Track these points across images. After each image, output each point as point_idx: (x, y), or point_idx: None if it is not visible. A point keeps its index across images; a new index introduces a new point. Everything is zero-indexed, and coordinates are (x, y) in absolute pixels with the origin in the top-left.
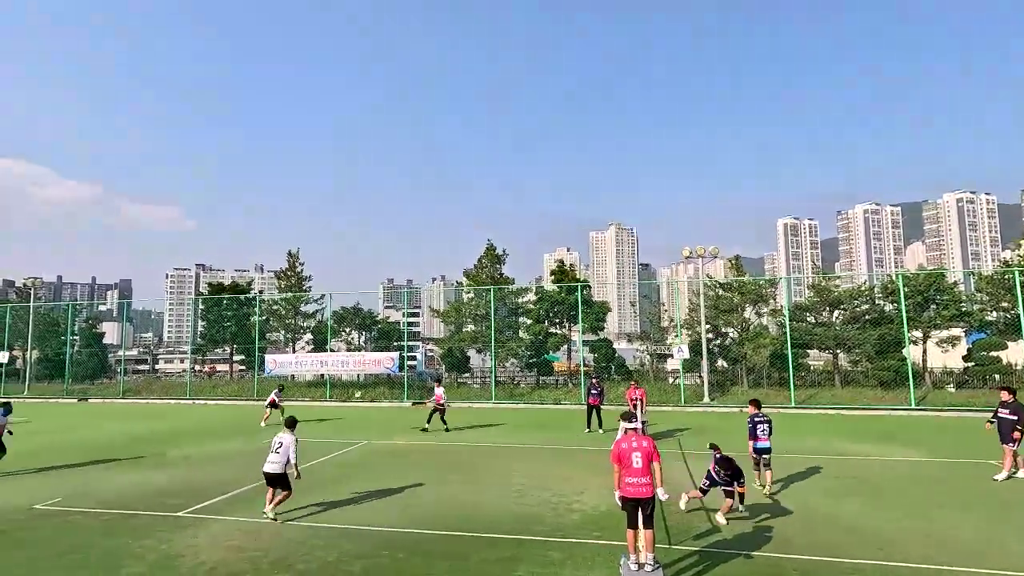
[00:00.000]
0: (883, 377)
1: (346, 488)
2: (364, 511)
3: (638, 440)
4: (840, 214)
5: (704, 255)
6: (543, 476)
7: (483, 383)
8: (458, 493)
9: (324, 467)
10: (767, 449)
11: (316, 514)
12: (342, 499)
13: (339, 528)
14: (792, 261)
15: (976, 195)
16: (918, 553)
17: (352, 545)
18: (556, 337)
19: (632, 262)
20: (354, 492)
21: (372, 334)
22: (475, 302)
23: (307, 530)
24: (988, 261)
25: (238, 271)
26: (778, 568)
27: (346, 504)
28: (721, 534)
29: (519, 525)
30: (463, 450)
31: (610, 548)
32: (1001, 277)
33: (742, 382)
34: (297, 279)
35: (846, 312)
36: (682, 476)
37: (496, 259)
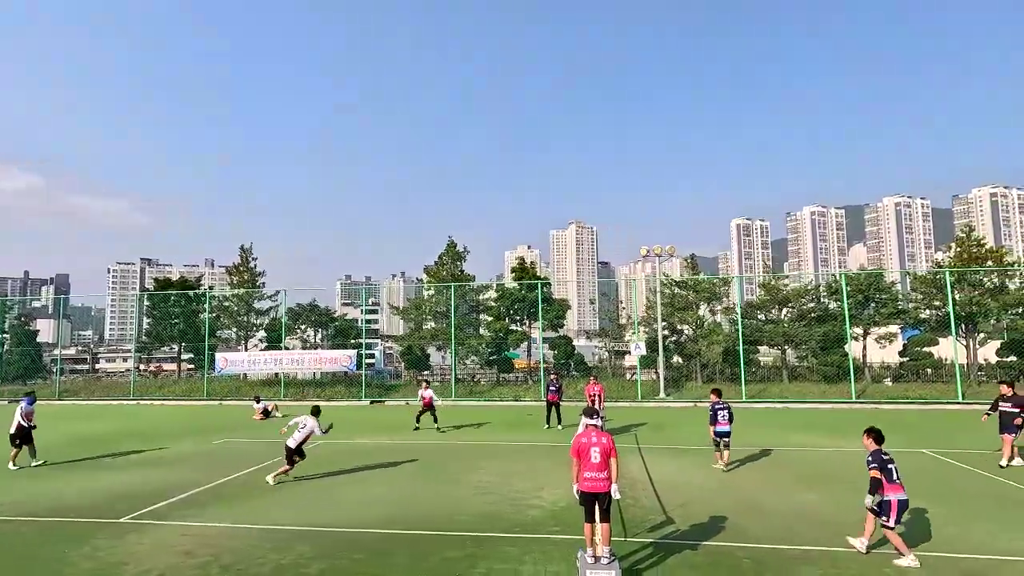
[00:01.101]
0: (827, 372)
1: (303, 489)
2: (322, 512)
3: (598, 436)
4: (789, 216)
5: (661, 254)
6: (503, 473)
7: (443, 381)
8: (418, 491)
9: (278, 468)
10: (727, 433)
11: (272, 516)
12: (299, 500)
13: (296, 530)
14: (744, 260)
15: (912, 199)
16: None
17: (309, 547)
18: (516, 334)
19: (592, 260)
20: (311, 493)
21: (329, 331)
22: (436, 299)
23: (262, 533)
24: (922, 262)
25: (187, 266)
26: (730, 557)
27: (303, 505)
28: (675, 525)
29: (479, 522)
30: (423, 448)
31: (568, 542)
32: (933, 277)
33: (696, 378)
34: (250, 275)
35: (794, 310)
36: (639, 471)
37: (457, 256)
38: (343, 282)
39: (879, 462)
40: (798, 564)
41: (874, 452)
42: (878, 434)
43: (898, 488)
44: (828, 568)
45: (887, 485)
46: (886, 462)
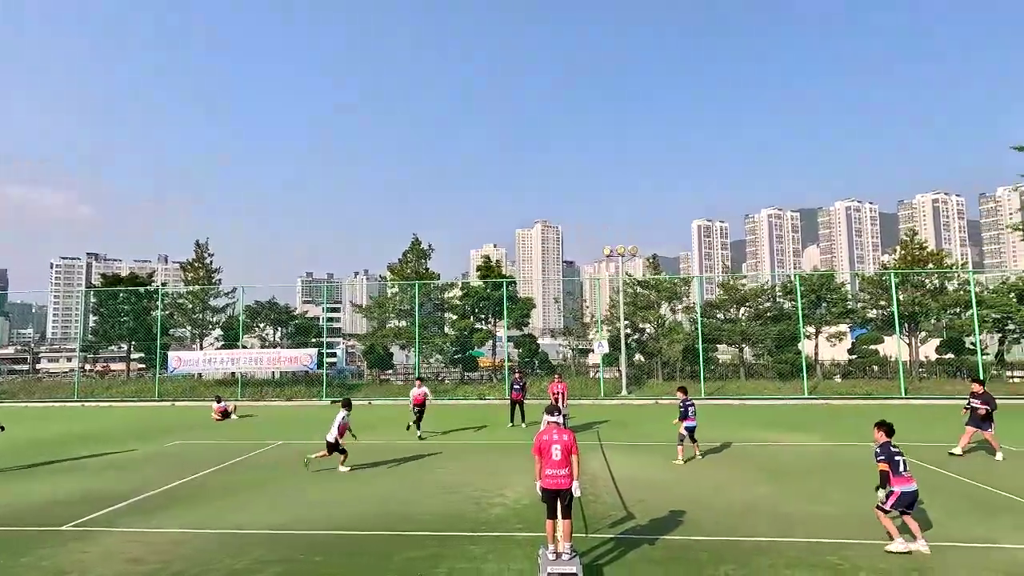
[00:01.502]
0: (781, 369)
1: (260, 491)
2: (280, 514)
3: (559, 433)
4: (748, 218)
5: (624, 254)
6: (467, 472)
7: (407, 380)
8: (380, 492)
9: (236, 470)
10: (695, 427)
11: (228, 520)
12: (257, 503)
13: (252, 534)
14: (705, 261)
15: (862, 204)
16: (813, 530)
17: (266, 551)
18: (481, 333)
19: (557, 259)
20: (270, 495)
21: (289, 330)
22: (399, 297)
23: (217, 537)
24: (870, 264)
25: (138, 261)
26: (688, 550)
27: (261, 508)
28: (636, 520)
29: (442, 522)
30: (385, 448)
31: (531, 540)
32: (880, 279)
33: (657, 375)
34: (206, 271)
35: (751, 309)
36: (600, 468)
37: (422, 254)
38: (304, 279)
39: (887, 455)
40: (752, 555)
41: (883, 445)
42: (889, 428)
43: (905, 480)
44: (778, 559)
45: (894, 478)
46: (894, 454)
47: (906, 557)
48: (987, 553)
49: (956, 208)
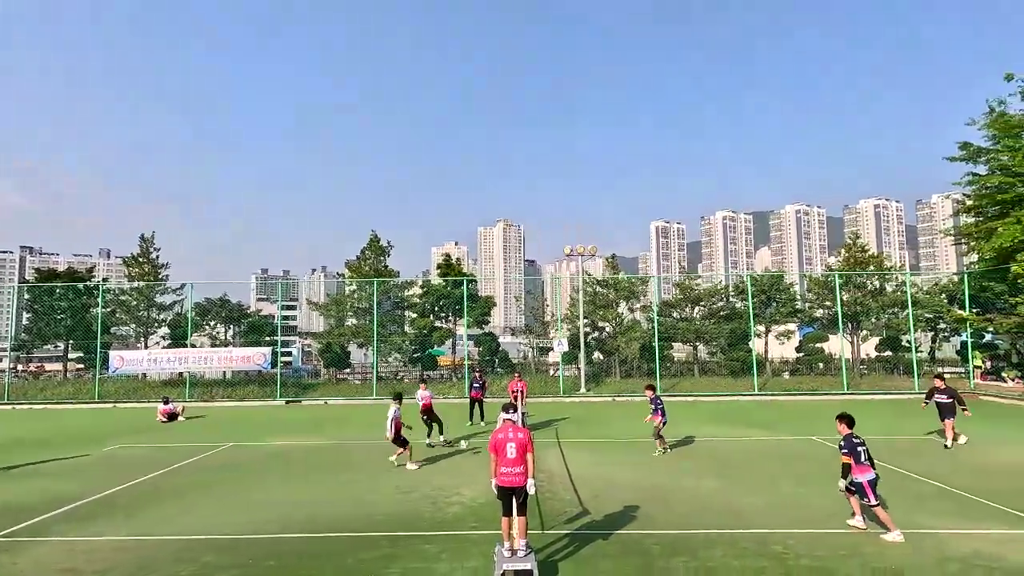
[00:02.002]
0: (733, 367)
1: (209, 495)
2: (230, 518)
3: (514, 431)
4: (703, 220)
5: (584, 253)
6: (424, 471)
7: (364, 379)
8: (336, 493)
9: (183, 473)
10: (664, 422)
11: (173, 526)
12: (205, 507)
13: (199, 539)
14: (662, 261)
15: (811, 208)
16: (761, 520)
17: (214, 556)
18: (441, 331)
19: (519, 258)
20: (220, 499)
21: (241, 328)
22: (358, 295)
23: (161, 544)
24: (817, 266)
25: (77, 256)
26: (641, 544)
27: (210, 513)
28: (591, 516)
29: (398, 522)
30: (342, 448)
31: (487, 538)
32: (825, 280)
33: (615, 373)
34: (152, 267)
35: (705, 308)
36: (557, 465)
37: (380, 251)
38: (259, 276)
39: (849, 447)
40: (703, 547)
41: (846, 437)
42: (850, 419)
43: (866, 469)
44: (727, 550)
45: (855, 467)
46: (856, 445)
47: (843, 543)
48: (920, 539)
49: (896, 213)
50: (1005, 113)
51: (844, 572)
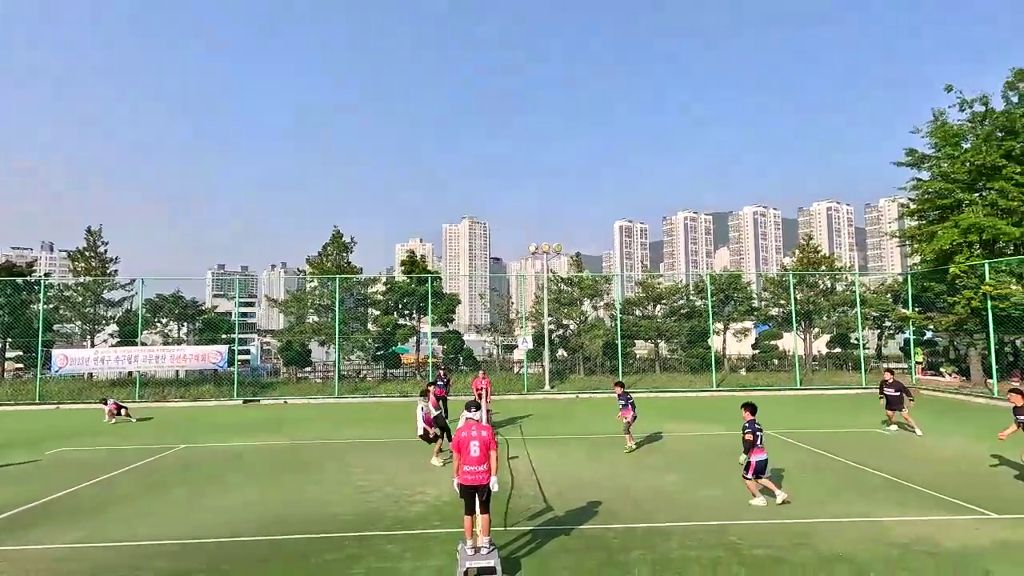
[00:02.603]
0: (693, 363)
1: (160, 498)
2: (183, 523)
3: (477, 429)
4: (665, 219)
5: (549, 251)
6: (387, 470)
7: (326, 377)
8: (296, 494)
9: (132, 476)
10: (635, 417)
11: (122, 532)
12: (158, 512)
13: (152, 545)
14: (626, 260)
15: (767, 209)
16: (717, 513)
17: (167, 563)
18: (405, 329)
19: (484, 256)
20: (174, 503)
21: (196, 325)
22: (319, 292)
23: (108, 551)
24: (773, 266)
25: (15, 249)
26: (602, 538)
27: (163, 517)
28: (554, 512)
29: (361, 522)
30: (302, 448)
31: (450, 536)
32: (780, 279)
33: (579, 370)
34: (99, 261)
35: (666, 307)
36: (521, 462)
37: (343, 247)
38: (215, 272)
39: (752, 430)
40: (662, 540)
41: (749, 422)
42: (753, 407)
43: (760, 451)
44: (685, 541)
45: (755, 449)
46: (756, 430)
47: (795, 533)
48: (863, 526)
49: (847, 216)
50: (946, 123)
51: (794, 560)
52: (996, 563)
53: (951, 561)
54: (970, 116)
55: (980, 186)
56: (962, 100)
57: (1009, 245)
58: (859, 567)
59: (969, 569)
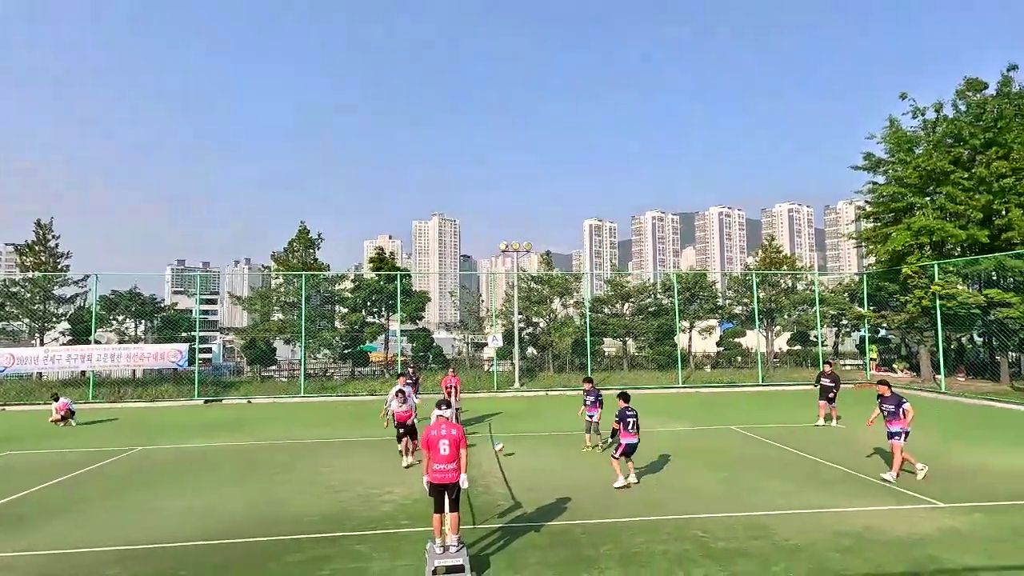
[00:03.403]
0: (660, 361)
1: (115, 503)
2: (140, 528)
3: (447, 428)
4: (634, 219)
5: (519, 249)
6: (356, 470)
7: (291, 376)
8: (260, 497)
9: (84, 481)
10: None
11: (74, 539)
12: (112, 517)
13: (105, 551)
14: (595, 259)
15: (732, 210)
16: (682, 507)
17: (121, 569)
18: (373, 327)
19: (454, 253)
20: (130, 507)
21: (155, 323)
22: (285, 289)
23: (57, 559)
24: (737, 265)
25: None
26: (570, 534)
27: (118, 522)
28: (523, 509)
29: (329, 523)
30: (267, 449)
31: (419, 535)
32: (743, 278)
33: (548, 367)
34: (49, 256)
35: (634, 305)
36: (490, 459)
37: (310, 243)
38: (175, 268)
39: (621, 417)
40: (628, 534)
41: (621, 409)
42: (626, 396)
43: (630, 436)
44: (651, 535)
45: (623, 433)
46: (627, 416)
47: (755, 525)
48: (820, 517)
49: (807, 217)
50: (900, 129)
51: (755, 551)
52: (941, 549)
53: (900, 548)
54: (922, 123)
55: (930, 190)
56: (915, 108)
57: (956, 247)
58: (815, 556)
59: (916, 555)
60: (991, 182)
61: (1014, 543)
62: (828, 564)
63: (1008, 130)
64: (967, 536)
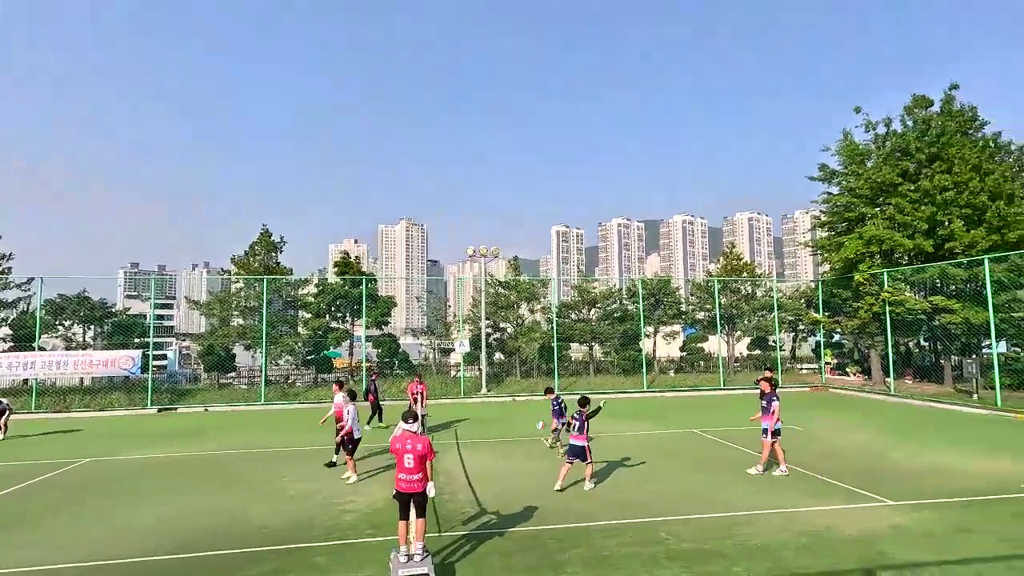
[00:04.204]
0: (625, 366)
1: (61, 517)
2: (88, 543)
3: (412, 441)
4: (600, 225)
5: (487, 255)
6: (318, 478)
7: (251, 383)
8: (216, 508)
9: (27, 494)
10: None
11: (14, 556)
12: (54, 531)
13: (51, 570)
14: (562, 264)
15: (695, 218)
16: (648, 510)
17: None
18: (338, 332)
19: (422, 258)
20: (73, 521)
21: (105, 328)
22: (245, 293)
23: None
24: (700, 272)
25: None
26: (537, 539)
27: (61, 539)
28: (489, 516)
29: (288, 533)
30: (224, 458)
31: (384, 544)
32: (706, 285)
33: (515, 373)
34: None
35: (600, 310)
36: (456, 466)
37: (272, 246)
38: (128, 271)
39: (579, 419)
40: (596, 538)
41: (578, 412)
42: (583, 401)
43: (579, 438)
44: (619, 539)
45: (574, 436)
46: (577, 419)
47: (719, 526)
48: (779, 517)
49: (766, 226)
50: (853, 142)
51: (718, 551)
52: (890, 546)
53: (854, 546)
54: (873, 137)
55: (880, 201)
56: (867, 122)
57: (904, 256)
58: (775, 555)
59: (868, 553)
60: (935, 195)
61: (958, 539)
62: (787, 563)
63: (950, 145)
64: (915, 533)
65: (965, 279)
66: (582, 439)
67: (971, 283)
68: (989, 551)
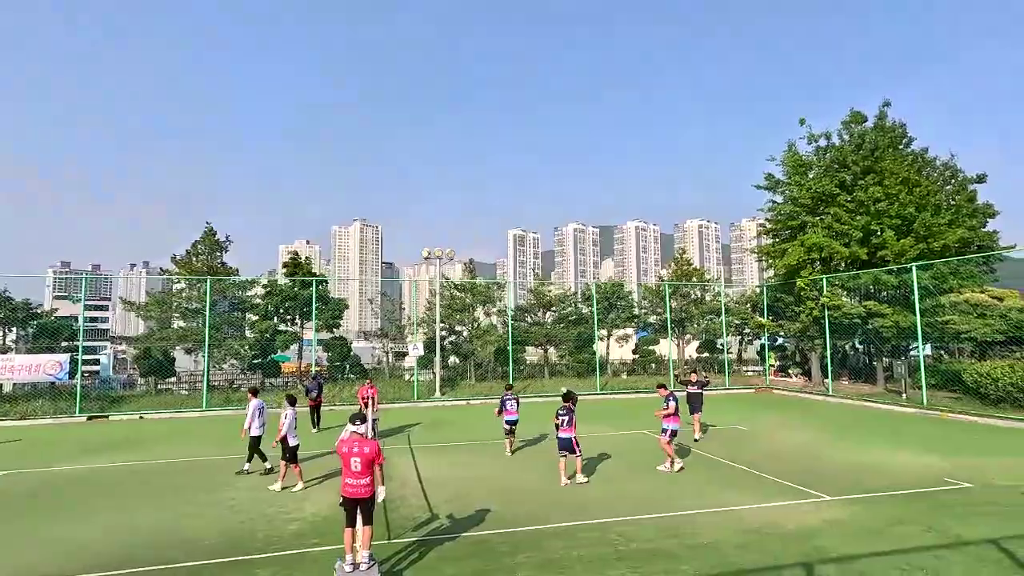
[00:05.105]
0: (579, 368)
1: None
2: (13, 564)
3: (360, 445)
4: (556, 230)
5: (442, 257)
6: (261, 487)
7: (193, 388)
8: (150, 521)
9: None
10: (515, 421)
11: None
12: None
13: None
14: (519, 268)
15: (648, 224)
16: (600, 511)
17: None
18: (286, 335)
19: (376, 260)
20: (3, 538)
21: (28, 331)
22: (187, 294)
23: None
24: (652, 277)
25: None
26: (488, 543)
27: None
28: (440, 521)
29: (228, 547)
30: (160, 469)
31: (329, 554)
32: (657, 289)
33: (470, 376)
34: None
35: (556, 314)
36: (408, 471)
37: (216, 246)
38: (57, 270)
39: (566, 413)
40: (548, 541)
41: (564, 406)
42: (565, 396)
43: (566, 431)
44: (570, 541)
45: (562, 429)
46: (567, 414)
47: (666, 526)
48: (724, 515)
49: (715, 233)
50: (796, 153)
51: (666, 550)
52: (827, 539)
53: (793, 540)
54: (815, 149)
55: (820, 211)
56: (810, 135)
57: (841, 263)
58: (720, 552)
59: (806, 547)
60: (869, 205)
61: (888, 532)
62: (731, 559)
63: (883, 158)
64: (849, 527)
65: (895, 285)
66: (569, 432)
67: (900, 289)
68: (918, 541)
